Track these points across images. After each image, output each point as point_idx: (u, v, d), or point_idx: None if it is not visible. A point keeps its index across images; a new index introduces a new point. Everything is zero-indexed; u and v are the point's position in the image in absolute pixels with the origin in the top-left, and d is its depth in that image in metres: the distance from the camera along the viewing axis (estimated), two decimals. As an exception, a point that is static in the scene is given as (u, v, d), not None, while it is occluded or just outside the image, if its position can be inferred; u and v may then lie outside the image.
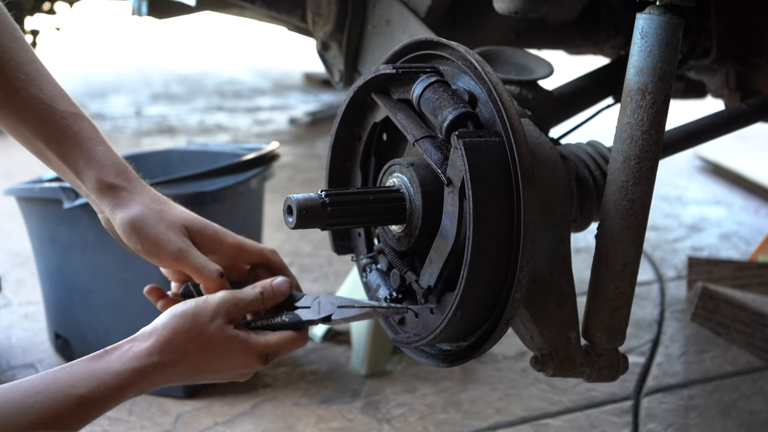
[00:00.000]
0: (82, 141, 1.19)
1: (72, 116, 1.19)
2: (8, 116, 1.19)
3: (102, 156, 1.20)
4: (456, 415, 2.11)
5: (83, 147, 1.19)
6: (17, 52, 1.18)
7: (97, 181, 1.19)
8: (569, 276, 1.30)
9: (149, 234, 1.19)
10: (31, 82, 1.17)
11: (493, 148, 1.11)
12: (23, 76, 1.17)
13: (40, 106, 1.17)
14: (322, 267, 3.10)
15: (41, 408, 1.02)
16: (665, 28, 1.22)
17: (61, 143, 1.19)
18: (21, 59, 1.18)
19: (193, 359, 1.14)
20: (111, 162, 1.21)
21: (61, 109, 1.18)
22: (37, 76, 1.19)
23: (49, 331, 2.42)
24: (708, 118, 1.63)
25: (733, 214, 4.02)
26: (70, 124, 1.19)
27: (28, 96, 1.17)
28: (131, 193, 1.20)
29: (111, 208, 1.20)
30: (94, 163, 1.19)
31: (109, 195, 1.20)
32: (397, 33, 1.75)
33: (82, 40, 9.49)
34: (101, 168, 1.19)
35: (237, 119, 5.92)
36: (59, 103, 1.19)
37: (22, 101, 1.17)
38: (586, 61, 2.78)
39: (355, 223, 1.26)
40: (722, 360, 2.45)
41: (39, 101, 1.17)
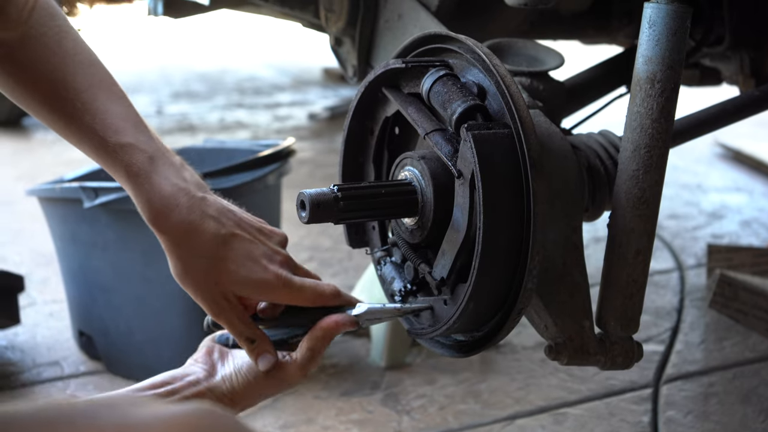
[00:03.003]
0: (133, 176, 1.13)
1: (121, 149, 1.14)
2: (74, 144, 1.18)
3: (149, 194, 1.14)
4: (475, 406, 2.13)
5: (135, 182, 1.14)
6: (76, 77, 1.16)
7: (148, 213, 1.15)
8: (582, 265, 1.31)
9: (189, 287, 1.17)
10: (86, 110, 1.15)
11: (502, 140, 1.12)
12: (79, 104, 1.14)
13: (94, 137, 1.14)
14: (342, 261, 3.12)
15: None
16: (673, 16, 1.22)
17: (117, 177, 1.16)
18: (79, 85, 1.15)
19: None
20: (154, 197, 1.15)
21: (111, 141, 1.14)
22: (92, 105, 1.15)
23: (73, 329, 2.45)
24: (719, 106, 1.63)
25: (753, 201, 4.00)
26: (120, 158, 1.14)
27: (83, 125, 1.15)
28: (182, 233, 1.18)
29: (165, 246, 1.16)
30: (142, 196, 1.14)
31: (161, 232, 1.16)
32: (408, 27, 1.76)
33: (103, 41, 9.56)
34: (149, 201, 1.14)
35: (257, 116, 5.94)
36: (110, 134, 1.14)
37: (79, 131, 1.15)
38: (601, 51, 2.78)
39: (368, 217, 1.28)
40: (742, 347, 2.45)
41: (92, 131, 1.14)
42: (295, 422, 2.06)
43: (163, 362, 2.22)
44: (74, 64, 1.17)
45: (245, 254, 1.15)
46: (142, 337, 2.24)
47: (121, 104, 1.18)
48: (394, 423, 2.06)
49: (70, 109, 1.15)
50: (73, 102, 1.15)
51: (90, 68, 1.18)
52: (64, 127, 1.17)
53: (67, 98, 1.15)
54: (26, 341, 2.51)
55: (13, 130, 5.29)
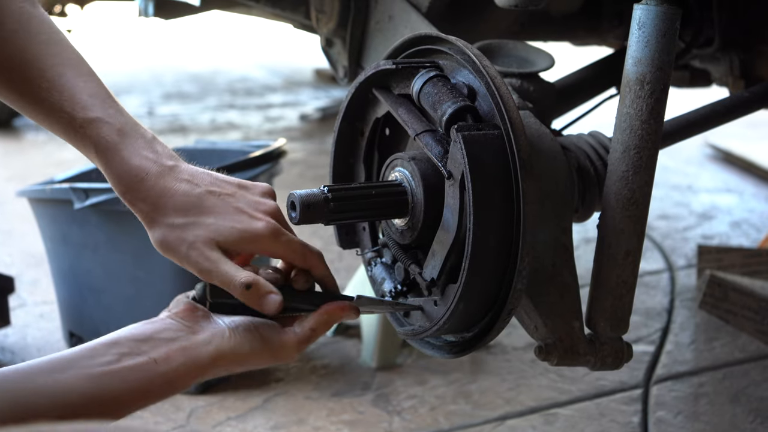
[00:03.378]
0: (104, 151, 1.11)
1: (90, 124, 1.12)
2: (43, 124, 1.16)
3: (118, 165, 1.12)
4: (466, 406, 2.13)
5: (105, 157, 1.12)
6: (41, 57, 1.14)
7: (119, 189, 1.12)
8: (572, 266, 1.31)
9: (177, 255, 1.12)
10: (53, 88, 1.13)
11: (492, 141, 1.12)
12: (46, 83, 1.13)
13: (62, 114, 1.12)
14: (333, 262, 3.11)
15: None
16: (662, 18, 1.23)
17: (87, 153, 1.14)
18: (44, 64, 1.14)
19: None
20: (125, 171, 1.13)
21: (80, 117, 1.12)
22: (59, 82, 1.13)
23: (64, 330, 2.45)
24: (709, 107, 1.64)
25: (743, 202, 4.02)
26: (89, 133, 1.12)
27: (51, 104, 1.13)
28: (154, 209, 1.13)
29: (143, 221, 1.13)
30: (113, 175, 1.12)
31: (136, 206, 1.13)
32: (399, 28, 1.76)
33: (94, 42, 9.53)
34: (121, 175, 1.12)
35: (248, 117, 5.94)
36: (77, 110, 1.12)
37: (47, 110, 1.13)
38: (592, 52, 2.79)
39: (358, 218, 1.28)
40: (732, 347, 2.46)
41: (60, 109, 1.12)
42: (286, 423, 2.06)
43: (153, 363, 2.23)
44: (38, 43, 1.15)
45: (226, 206, 1.11)
46: (132, 338, 2.23)
47: (89, 80, 1.15)
48: (384, 424, 2.06)
49: (36, 88, 1.13)
50: (38, 81, 1.13)
51: (55, 47, 1.15)
52: (32, 108, 1.15)
53: (32, 78, 1.13)
54: (16, 342, 2.51)
55: (3, 131, 5.28)
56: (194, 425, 2.06)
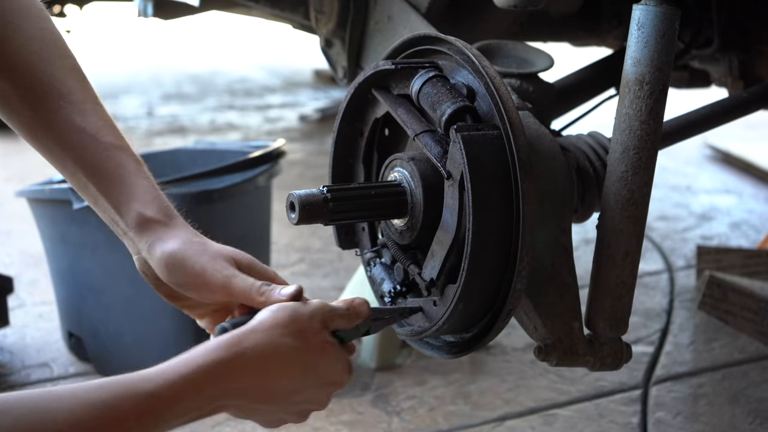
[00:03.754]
0: (124, 175, 1.14)
1: (115, 149, 1.15)
2: (51, 146, 1.16)
3: (143, 191, 1.15)
4: (465, 407, 2.13)
5: (125, 181, 1.14)
6: (64, 80, 1.15)
7: (137, 216, 1.14)
8: (571, 266, 1.31)
9: (194, 265, 1.12)
10: (75, 111, 1.14)
11: (491, 141, 1.12)
12: (68, 105, 1.14)
13: (83, 136, 1.13)
14: (333, 262, 3.12)
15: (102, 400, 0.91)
16: (662, 18, 1.23)
17: (102, 176, 1.14)
18: (67, 88, 1.15)
19: (289, 355, 1.04)
20: (153, 197, 1.16)
21: (104, 141, 1.14)
22: (83, 107, 1.15)
23: (63, 331, 2.45)
24: (708, 107, 1.64)
25: (743, 203, 4.02)
26: (112, 156, 1.14)
27: (72, 125, 1.14)
28: (172, 229, 1.15)
29: (150, 243, 1.14)
30: (136, 198, 1.14)
31: (149, 230, 1.14)
32: (399, 29, 1.76)
33: (93, 42, 9.53)
34: (143, 203, 1.14)
35: (247, 117, 5.94)
36: (102, 134, 1.15)
37: (65, 131, 1.14)
38: (592, 53, 2.79)
39: (358, 218, 1.28)
40: (731, 348, 2.46)
41: (82, 131, 1.14)
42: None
43: (152, 363, 2.22)
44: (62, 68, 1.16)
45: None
46: (131, 339, 2.23)
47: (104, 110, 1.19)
48: (384, 424, 2.06)
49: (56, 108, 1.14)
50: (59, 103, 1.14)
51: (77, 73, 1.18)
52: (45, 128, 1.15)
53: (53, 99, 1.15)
54: (15, 343, 2.51)
55: (1, 132, 5.27)
56: (193, 425, 2.06)
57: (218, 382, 0.98)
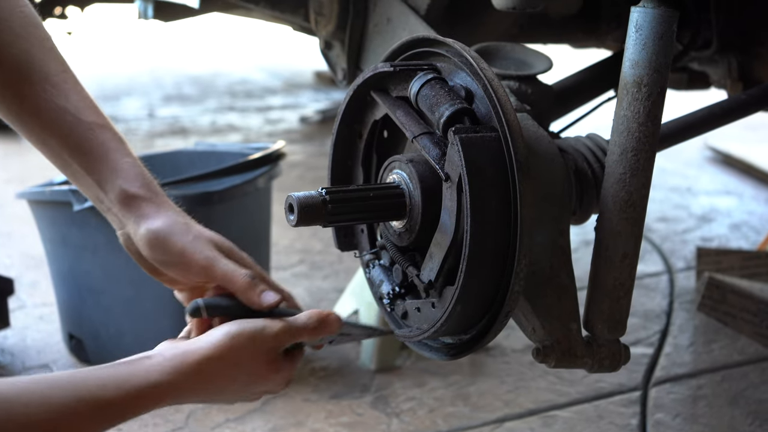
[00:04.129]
0: (108, 152, 1.17)
1: (98, 127, 1.18)
2: (35, 127, 1.18)
3: (128, 167, 1.18)
4: (464, 408, 2.13)
5: (108, 158, 1.17)
6: (46, 63, 1.18)
7: (121, 192, 1.16)
8: (569, 268, 1.31)
9: (176, 244, 1.15)
10: (58, 93, 1.17)
11: (489, 143, 1.12)
12: (50, 87, 1.16)
13: (66, 116, 1.16)
14: (333, 264, 3.12)
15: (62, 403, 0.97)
16: (659, 20, 1.23)
17: (86, 154, 1.17)
18: (50, 70, 1.17)
19: (234, 384, 1.12)
20: (136, 173, 1.18)
21: (87, 120, 1.17)
22: (64, 87, 1.18)
23: (63, 332, 2.45)
24: (706, 109, 1.64)
25: (743, 204, 4.02)
26: (95, 135, 1.17)
27: (55, 107, 1.16)
28: (157, 205, 1.17)
29: (135, 219, 1.16)
30: (120, 174, 1.17)
31: (134, 206, 1.17)
32: (398, 31, 1.76)
33: (94, 44, 9.55)
34: (126, 179, 1.17)
35: (248, 119, 5.94)
36: (86, 114, 1.17)
37: (49, 112, 1.16)
38: (592, 55, 2.79)
39: (356, 220, 1.29)
40: (731, 349, 2.46)
41: (65, 111, 1.16)
42: (285, 425, 2.06)
43: (152, 365, 2.23)
44: (44, 49, 1.18)
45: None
46: (132, 340, 2.24)
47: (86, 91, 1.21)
48: (383, 426, 2.06)
49: (40, 91, 1.16)
50: (42, 85, 1.16)
51: (58, 55, 1.20)
52: (30, 110, 1.17)
53: (36, 81, 1.16)
54: (16, 344, 2.51)
55: (2, 134, 5.28)
56: (193, 427, 2.06)
57: (167, 397, 1.06)
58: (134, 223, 1.17)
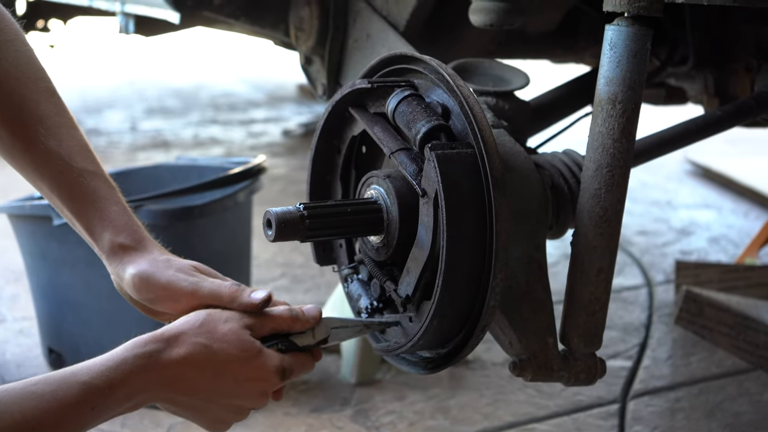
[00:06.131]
0: (97, 200, 1.19)
1: (88, 174, 1.19)
2: (27, 168, 1.19)
3: (115, 216, 1.19)
4: (444, 422, 2.14)
5: (98, 206, 1.19)
6: (40, 104, 1.18)
7: (109, 242, 1.19)
8: (545, 282, 1.32)
9: (159, 280, 1.17)
10: (50, 135, 1.17)
11: (465, 159, 1.14)
12: (43, 130, 1.17)
13: (58, 161, 1.17)
14: (314, 277, 3.12)
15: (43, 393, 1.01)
16: (633, 38, 1.24)
17: (76, 201, 1.19)
18: (43, 112, 1.18)
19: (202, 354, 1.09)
20: (124, 223, 1.20)
21: (78, 167, 1.18)
22: (57, 131, 1.18)
23: (43, 346, 2.44)
24: (682, 125, 1.66)
25: (722, 218, 4.05)
26: (86, 181, 1.18)
27: (47, 150, 1.17)
28: (140, 252, 1.20)
29: (121, 267, 1.19)
30: (108, 224, 1.19)
31: (120, 255, 1.19)
32: (377, 47, 1.78)
33: (77, 57, 9.53)
34: (115, 229, 1.19)
35: (231, 132, 5.94)
36: (77, 160, 1.18)
37: (41, 155, 1.17)
38: (570, 70, 2.81)
39: (334, 235, 1.29)
40: (709, 362, 2.48)
41: (57, 156, 1.17)
42: (265, 439, 2.06)
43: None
44: (38, 90, 1.19)
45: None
46: (111, 354, 2.23)
47: (80, 135, 1.22)
48: (363, 439, 2.07)
49: (32, 133, 1.17)
50: (35, 127, 1.17)
51: (52, 97, 1.21)
52: (23, 151, 1.18)
53: (29, 123, 1.17)
54: (-5, 358, 2.50)
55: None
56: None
57: (141, 374, 1.07)
58: (121, 270, 1.19)
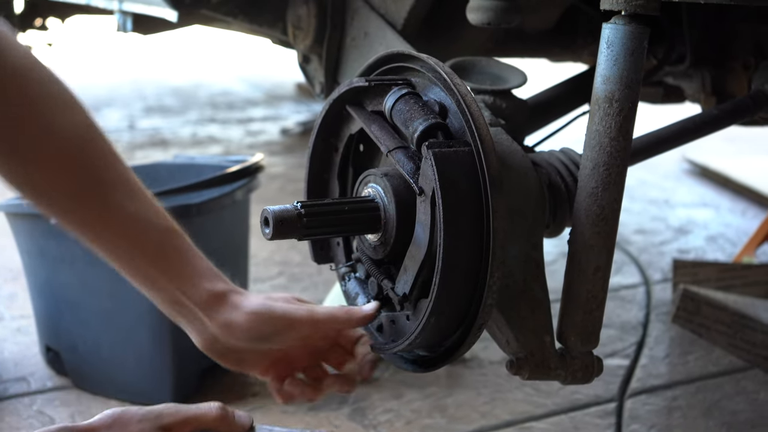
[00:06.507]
0: (184, 255, 1.17)
1: (168, 231, 1.17)
2: (105, 234, 1.15)
3: (205, 267, 1.19)
4: (441, 420, 2.14)
5: (186, 261, 1.17)
6: (108, 169, 1.14)
7: (207, 293, 1.17)
8: (543, 281, 1.33)
9: (277, 312, 1.19)
10: (126, 197, 1.14)
11: (463, 158, 1.14)
12: (119, 195, 1.14)
13: (139, 222, 1.14)
14: (312, 276, 3.12)
15: None
16: (630, 37, 1.25)
17: (163, 259, 1.16)
18: (113, 176, 1.14)
19: None
20: (213, 272, 1.20)
21: (159, 224, 1.16)
22: (131, 193, 1.15)
23: (41, 345, 2.44)
24: (679, 124, 1.66)
25: (720, 216, 4.05)
26: (168, 238, 1.17)
27: (126, 213, 1.14)
28: (240, 293, 1.20)
29: (227, 311, 1.18)
30: (201, 275, 1.17)
31: (221, 301, 1.18)
32: (375, 45, 1.78)
33: (75, 55, 9.52)
34: (210, 279, 1.18)
35: (229, 131, 5.94)
36: (156, 217, 1.16)
37: (121, 219, 1.14)
38: (570, 69, 2.81)
39: (332, 233, 1.30)
40: (706, 361, 2.48)
41: (137, 217, 1.14)
42: (263, 437, 2.06)
43: (130, 378, 2.23)
44: (103, 155, 1.14)
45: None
46: (109, 353, 2.23)
47: (148, 192, 1.18)
48: (361, 438, 2.07)
49: (109, 198, 1.14)
50: (110, 193, 1.14)
51: (115, 156, 1.16)
52: (95, 218, 1.14)
53: (102, 190, 1.14)
54: (-7, 357, 2.50)
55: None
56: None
57: None
58: (229, 314, 1.18)
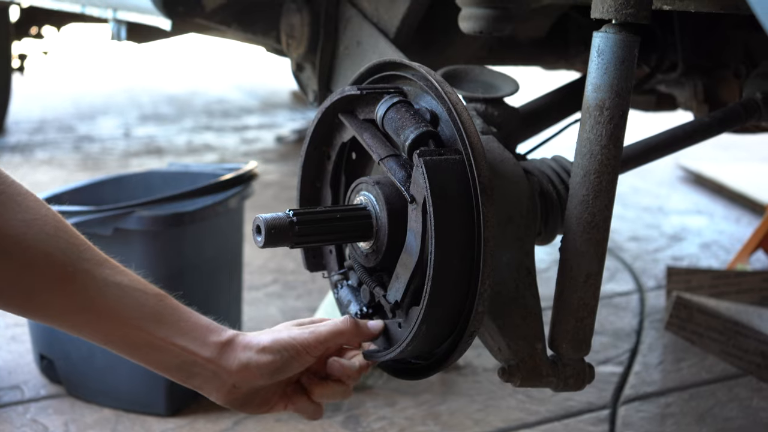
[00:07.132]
0: (182, 315, 1.18)
1: (160, 296, 1.18)
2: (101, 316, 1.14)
3: (204, 321, 1.20)
4: (435, 427, 2.14)
5: (187, 320, 1.18)
6: (89, 251, 1.14)
7: (214, 343, 1.18)
8: (534, 288, 1.33)
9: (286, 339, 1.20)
10: (117, 273, 1.15)
11: (454, 166, 1.15)
12: (108, 270, 1.14)
13: (134, 292, 1.15)
14: (306, 284, 3.13)
15: None
16: (620, 45, 1.25)
17: (165, 323, 1.16)
18: (98, 257, 1.14)
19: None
20: (214, 324, 1.21)
21: (152, 292, 1.17)
22: (116, 268, 1.16)
23: (35, 353, 2.44)
24: (670, 132, 1.67)
25: (714, 224, 4.07)
26: (163, 303, 1.17)
27: (117, 287, 1.14)
28: (243, 334, 1.21)
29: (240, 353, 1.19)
30: (204, 329, 1.19)
31: (231, 346, 1.19)
32: (367, 54, 1.79)
33: (71, 63, 9.53)
34: (211, 331, 1.19)
35: (225, 138, 5.95)
36: (147, 287, 1.17)
37: (110, 295, 1.13)
38: (563, 77, 2.82)
39: (324, 241, 1.30)
40: (699, 368, 2.49)
41: (130, 288, 1.15)
42: (257, 445, 2.06)
43: (123, 386, 2.23)
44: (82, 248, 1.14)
45: None
46: (103, 361, 2.23)
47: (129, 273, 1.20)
48: (355, 445, 2.07)
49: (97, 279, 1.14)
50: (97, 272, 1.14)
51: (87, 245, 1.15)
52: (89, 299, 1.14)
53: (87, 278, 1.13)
54: (-13, 365, 2.50)
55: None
56: (164, 447, 2.06)
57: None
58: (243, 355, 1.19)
